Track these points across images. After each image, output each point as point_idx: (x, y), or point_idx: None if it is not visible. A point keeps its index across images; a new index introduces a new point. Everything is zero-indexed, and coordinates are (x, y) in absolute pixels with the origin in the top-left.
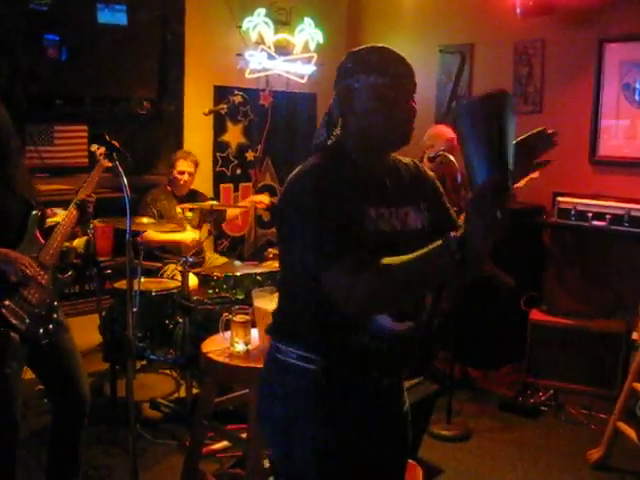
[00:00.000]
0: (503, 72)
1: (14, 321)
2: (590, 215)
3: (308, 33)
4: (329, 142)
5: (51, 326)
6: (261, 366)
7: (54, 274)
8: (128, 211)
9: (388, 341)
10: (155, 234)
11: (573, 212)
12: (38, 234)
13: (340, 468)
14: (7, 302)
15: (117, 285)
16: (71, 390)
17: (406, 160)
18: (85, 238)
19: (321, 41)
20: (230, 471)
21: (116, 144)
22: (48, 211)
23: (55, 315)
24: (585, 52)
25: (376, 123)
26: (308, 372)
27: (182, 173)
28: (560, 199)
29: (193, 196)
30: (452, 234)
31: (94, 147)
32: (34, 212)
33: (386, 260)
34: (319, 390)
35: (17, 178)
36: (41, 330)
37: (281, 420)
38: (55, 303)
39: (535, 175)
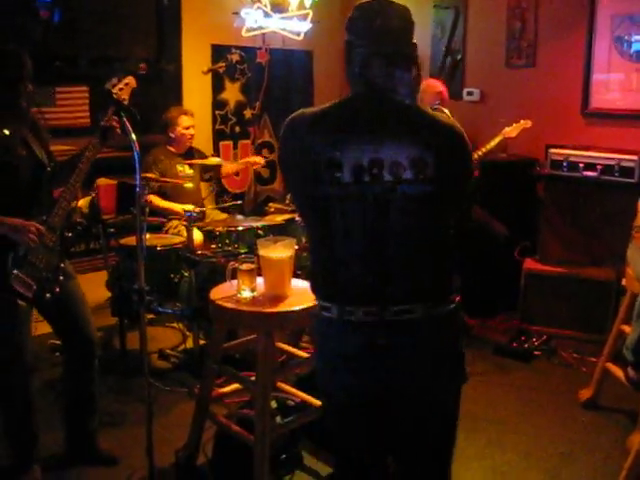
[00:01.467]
0: (497, 26)
1: (21, 290)
2: (582, 166)
3: None
4: None
5: (58, 289)
6: (267, 311)
7: (61, 234)
8: (137, 167)
9: None
10: (158, 200)
11: (565, 163)
12: (52, 192)
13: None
14: (16, 271)
15: (123, 241)
16: (78, 331)
17: None
18: (89, 197)
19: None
20: (239, 412)
21: (119, 94)
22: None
23: (61, 277)
24: (577, 6)
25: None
26: None
27: (188, 128)
28: (552, 150)
29: (192, 153)
30: None
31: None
32: (47, 170)
33: None
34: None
35: (32, 126)
36: (48, 295)
37: None
38: (62, 265)
39: (528, 124)
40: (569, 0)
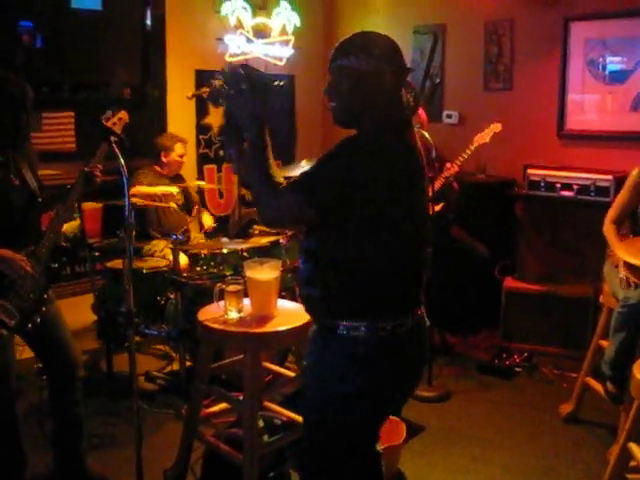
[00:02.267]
0: (474, 51)
1: (5, 319)
2: (558, 186)
3: (285, 16)
4: None
5: (39, 319)
6: (254, 331)
7: (47, 265)
8: (126, 191)
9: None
10: (142, 188)
11: (542, 183)
12: (40, 221)
13: None
14: (1, 301)
15: (109, 264)
16: (60, 355)
17: None
18: (75, 222)
19: (298, 24)
20: (227, 431)
21: (113, 128)
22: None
23: (44, 308)
24: (552, 30)
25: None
26: None
27: (182, 156)
28: (530, 171)
29: (179, 178)
30: None
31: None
32: (38, 200)
33: None
34: None
35: (25, 153)
36: (29, 325)
37: None
38: (45, 296)
39: (497, 128)
40: (544, 25)
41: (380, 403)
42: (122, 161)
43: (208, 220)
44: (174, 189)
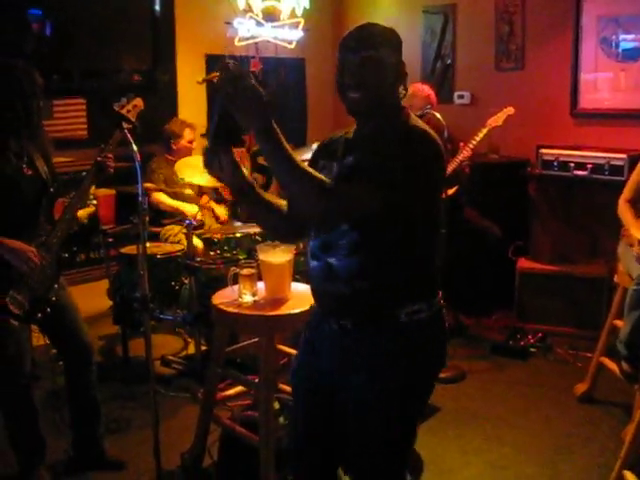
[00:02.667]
0: (485, 30)
1: (15, 310)
2: (572, 165)
3: (295, 0)
4: None
5: (49, 309)
6: (268, 314)
7: (58, 255)
8: (139, 177)
9: (311, 280)
10: (165, 197)
11: (556, 163)
12: (52, 211)
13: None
14: (11, 292)
15: (123, 250)
16: (73, 340)
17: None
18: (91, 209)
19: (307, 6)
20: (243, 414)
21: (127, 115)
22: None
23: (54, 298)
24: (563, 8)
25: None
26: None
27: (190, 142)
28: (543, 151)
29: None
30: None
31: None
32: (50, 190)
33: None
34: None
35: (38, 142)
36: (39, 314)
37: None
38: (55, 285)
39: (510, 111)
40: (555, 3)
41: (433, 386)
42: (135, 147)
43: (222, 212)
44: (194, 208)
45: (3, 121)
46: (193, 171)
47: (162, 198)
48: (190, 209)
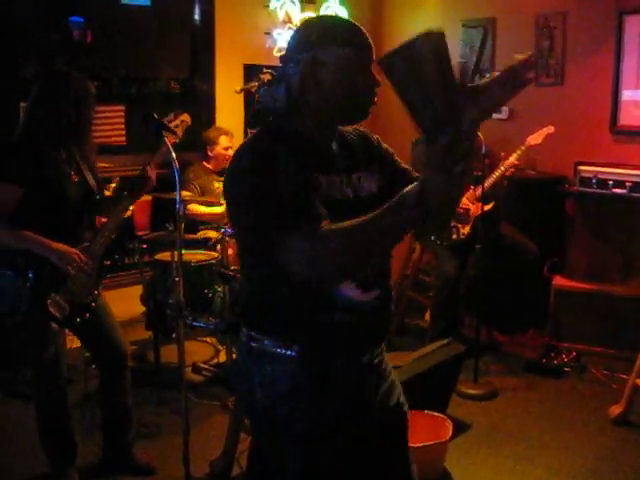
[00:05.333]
0: (525, 45)
1: (56, 313)
2: (611, 183)
3: (333, 10)
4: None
5: (88, 315)
6: None
7: (100, 262)
8: (178, 185)
9: (358, 314)
10: (198, 207)
11: (594, 180)
12: (95, 219)
13: (324, 451)
14: (53, 295)
15: (158, 257)
16: (108, 346)
17: (348, 128)
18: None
19: (346, 17)
20: None
21: (172, 124)
22: None
23: (93, 303)
24: (605, 24)
25: (343, 95)
26: (284, 358)
27: (227, 149)
28: (582, 168)
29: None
30: (406, 190)
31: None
32: (96, 197)
33: (343, 223)
34: (297, 375)
35: (86, 149)
36: (78, 319)
37: (261, 409)
38: (96, 292)
39: (551, 130)
40: (597, 18)
41: None
42: (174, 155)
43: None
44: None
45: (56, 128)
46: None
47: (195, 208)
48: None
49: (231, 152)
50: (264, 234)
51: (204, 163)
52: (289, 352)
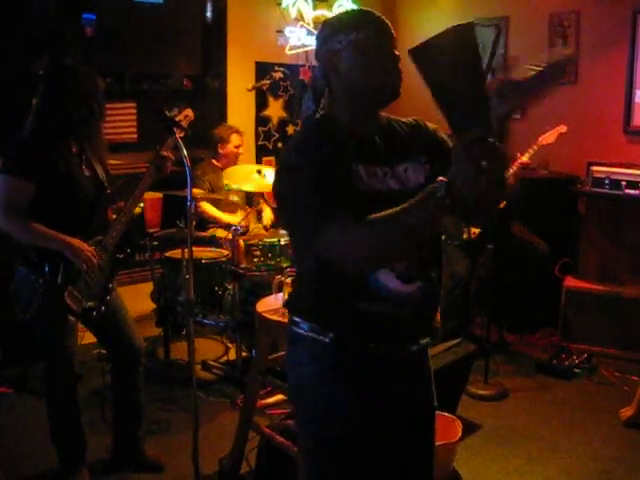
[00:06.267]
0: (538, 44)
1: (73, 306)
2: (624, 184)
3: (345, 8)
4: (318, 114)
5: (103, 308)
6: None
7: (113, 255)
8: (189, 181)
9: (398, 305)
10: (209, 207)
11: (607, 181)
12: (107, 212)
13: (356, 433)
14: (70, 287)
15: (168, 254)
16: (123, 342)
17: (404, 119)
18: (138, 210)
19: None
20: (283, 423)
21: (176, 119)
22: None
23: (108, 297)
24: (619, 23)
25: (362, 77)
26: (319, 343)
27: (238, 147)
28: (594, 168)
29: None
30: (434, 184)
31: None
32: (107, 191)
33: (375, 215)
34: (331, 357)
35: (97, 144)
36: (94, 313)
37: (297, 389)
38: (110, 285)
39: (563, 129)
40: (611, 17)
41: None
42: (185, 152)
43: (268, 215)
44: (237, 219)
45: (65, 123)
46: (240, 178)
47: (207, 208)
48: (232, 220)
49: (242, 150)
50: (303, 227)
51: (213, 161)
52: (324, 338)
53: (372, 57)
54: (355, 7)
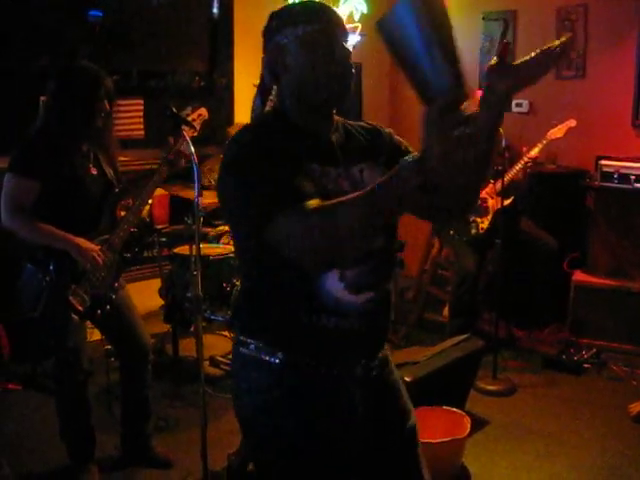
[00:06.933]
0: (546, 38)
1: (77, 305)
2: (633, 178)
3: (352, 4)
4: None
5: (108, 307)
6: None
7: (120, 254)
8: (196, 178)
9: (346, 317)
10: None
11: (616, 175)
12: (115, 211)
13: (311, 462)
14: (74, 286)
15: (176, 250)
16: (130, 339)
17: (361, 122)
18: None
19: (365, 11)
20: None
21: (189, 118)
22: None
23: (114, 296)
24: (627, 16)
25: (309, 73)
26: (267, 366)
27: None
28: (603, 162)
29: None
30: (404, 159)
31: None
32: (115, 190)
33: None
34: (282, 384)
35: (105, 142)
36: (99, 311)
37: (248, 417)
38: (116, 284)
39: (572, 123)
40: (619, 10)
41: None
42: (193, 149)
43: None
44: None
45: (72, 122)
46: None
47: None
48: None
49: None
50: (253, 221)
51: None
52: (273, 359)
53: (320, 52)
54: (360, 5)
